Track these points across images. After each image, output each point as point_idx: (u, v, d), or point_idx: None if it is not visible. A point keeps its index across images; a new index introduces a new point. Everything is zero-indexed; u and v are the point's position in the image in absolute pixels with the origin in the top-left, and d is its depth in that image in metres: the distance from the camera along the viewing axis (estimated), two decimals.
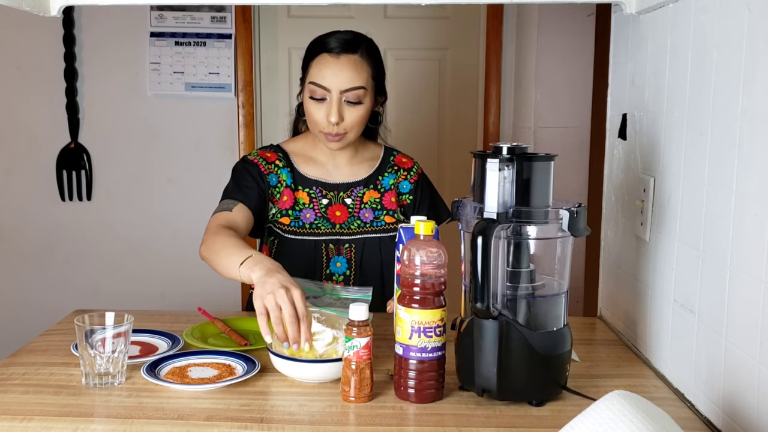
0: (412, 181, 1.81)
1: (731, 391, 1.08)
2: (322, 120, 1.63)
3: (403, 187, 1.79)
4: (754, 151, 1.03)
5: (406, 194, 1.80)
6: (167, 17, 3.17)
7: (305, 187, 1.73)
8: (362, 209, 1.74)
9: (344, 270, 1.71)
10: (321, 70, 1.63)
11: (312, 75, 1.64)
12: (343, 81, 1.61)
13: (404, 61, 3.36)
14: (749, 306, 1.03)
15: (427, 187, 1.84)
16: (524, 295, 1.20)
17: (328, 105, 1.62)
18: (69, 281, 3.27)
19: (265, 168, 1.73)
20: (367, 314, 1.21)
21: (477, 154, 1.21)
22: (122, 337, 1.26)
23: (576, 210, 1.18)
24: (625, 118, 1.56)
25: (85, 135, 3.23)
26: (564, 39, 2.96)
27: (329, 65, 1.62)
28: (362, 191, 1.75)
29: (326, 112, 1.62)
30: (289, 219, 1.71)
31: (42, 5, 1.46)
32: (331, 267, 1.70)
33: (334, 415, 1.16)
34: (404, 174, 1.80)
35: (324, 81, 1.62)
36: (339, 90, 1.62)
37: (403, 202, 1.79)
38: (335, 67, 1.62)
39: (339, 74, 1.61)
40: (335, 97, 1.62)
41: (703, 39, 1.20)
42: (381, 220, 1.73)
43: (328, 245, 1.70)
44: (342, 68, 1.62)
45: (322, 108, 1.63)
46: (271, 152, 1.76)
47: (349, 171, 1.76)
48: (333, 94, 1.62)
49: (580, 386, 1.24)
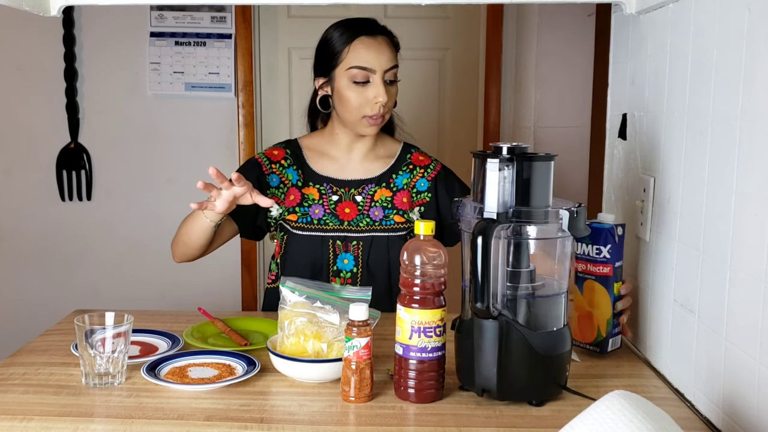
0: (429, 178, 1.78)
1: (731, 391, 1.08)
2: (369, 102, 1.65)
3: (420, 185, 1.77)
4: (754, 151, 1.03)
5: (425, 192, 1.77)
6: (167, 17, 3.17)
7: (315, 183, 1.74)
8: (372, 207, 1.73)
9: (351, 267, 1.71)
10: (361, 52, 1.65)
11: (351, 60, 1.65)
12: (385, 60, 1.66)
13: (404, 61, 3.31)
14: (749, 306, 1.03)
15: (451, 181, 1.79)
16: (524, 295, 1.20)
17: (374, 86, 1.65)
18: (69, 281, 3.27)
19: (268, 168, 1.74)
20: (367, 314, 1.21)
21: (477, 154, 1.21)
22: (122, 337, 1.26)
23: (576, 210, 1.18)
24: (625, 118, 1.56)
25: (85, 135, 3.23)
26: (564, 39, 2.96)
27: (370, 47, 1.65)
28: (374, 189, 1.75)
29: (374, 93, 1.64)
30: (296, 215, 1.72)
31: (42, 5, 1.46)
32: (338, 263, 1.70)
33: (334, 415, 1.16)
34: (421, 172, 1.78)
35: (368, 63, 1.64)
36: (383, 69, 1.65)
37: (422, 201, 1.76)
38: (377, 48, 1.65)
39: (381, 54, 1.65)
40: (379, 78, 1.64)
41: (703, 39, 1.20)
42: (390, 219, 1.73)
43: (335, 242, 1.70)
44: (381, 48, 1.66)
45: (365, 91, 1.65)
46: (279, 149, 1.78)
47: (363, 167, 1.76)
48: (377, 74, 1.64)
49: (580, 386, 1.24)
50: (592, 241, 1.40)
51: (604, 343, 1.41)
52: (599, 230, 1.39)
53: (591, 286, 1.42)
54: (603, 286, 1.40)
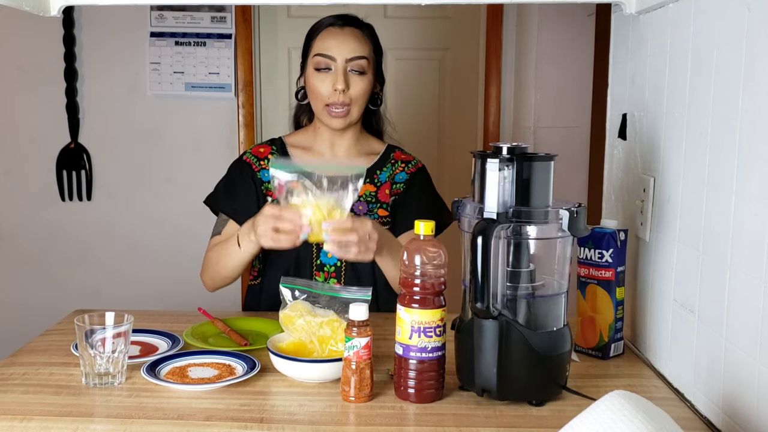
0: (409, 172, 1.79)
1: (731, 391, 1.08)
2: (328, 90, 1.66)
3: (399, 177, 1.78)
4: (754, 151, 1.03)
5: (401, 183, 1.77)
6: (167, 17, 3.17)
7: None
8: (356, 202, 1.72)
9: (335, 261, 1.70)
10: (326, 41, 1.67)
11: (316, 48, 1.68)
12: (347, 50, 1.66)
13: (404, 61, 3.36)
14: (749, 306, 1.03)
15: (425, 183, 1.81)
16: (524, 295, 1.20)
17: (334, 74, 1.66)
18: (69, 281, 3.27)
19: (257, 165, 1.76)
20: (367, 314, 1.21)
21: (477, 154, 1.21)
22: (122, 337, 1.26)
23: (576, 210, 1.18)
24: (625, 118, 1.56)
25: (85, 135, 3.23)
26: (564, 39, 2.96)
27: (334, 35, 1.67)
28: None
29: (332, 81, 1.65)
30: None
31: (42, 5, 1.46)
32: (322, 257, 1.70)
33: (334, 415, 1.16)
34: (402, 166, 1.79)
35: (329, 50, 1.66)
36: (344, 58, 1.66)
37: (396, 191, 1.76)
38: (340, 37, 1.67)
39: (343, 43, 1.66)
40: (341, 66, 1.66)
41: (703, 39, 1.20)
42: (374, 213, 1.73)
43: None
44: (346, 38, 1.67)
45: (327, 78, 1.66)
46: (265, 146, 1.80)
47: (347, 163, 1.75)
48: (338, 62, 1.66)
49: (580, 386, 1.24)
50: (594, 246, 1.40)
51: (606, 348, 1.41)
52: (602, 234, 1.39)
53: (593, 291, 1.42)
54: (605, 291, 1.41)
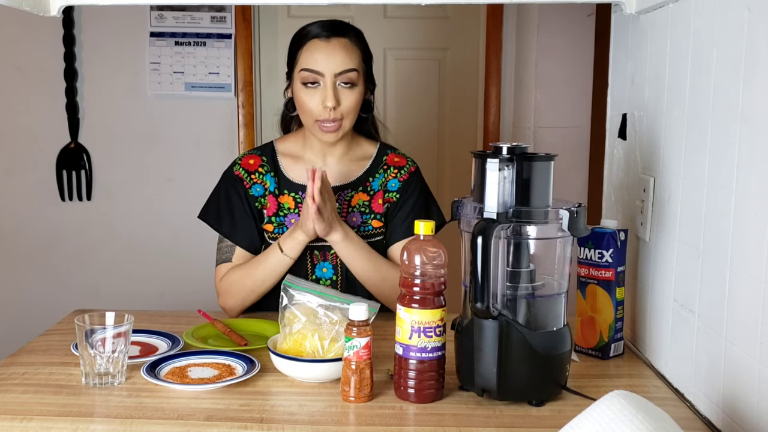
0: (401, 179, 1.72)
1: (731, 391, 1.08)
2: (317, 107, 1.59)
3: (391, 185, 1.71)
4: (754, 151, 1.03)
5: (393, 192, 1.71)
6: (167, 17, 3.17)
7: (291, 191, 1.69)
8: (350, 213, 1.68)
9: (330, 275, 1.67)
10: (312, 54, 1.59)
11: (303, 62, 1.60)
12: (335, 64, 1.58)
13: (404, 61, 3.36)
14: (749, 306, 1.03)
15: (418, 187, 1.73)
16: (524, 295, 1.20)
17: (323, 90, 1.58)
18: (69, 281, 3.27)
19: (248, 181, 1.70)
20: (367, 314, 1.21)
21: (477, 154, 1.21)
22: (122, 337, 1.26)
23: (576, 210, 1.18)
24: (625, 118, 1.56)
25: (85, 135, 3.23)
26: (564, 39, 2.96)
27: (321, 49, 1.59)
28: (350, 194, 1.69)
29: (321, 97, 1.58)
30: (272, 226, 1.68)
31: (42, 5, 1.46)
32: (317, 272, 1.66)
33: (334, 415, 1.16)
34: (394, 172, 1.72)
35: (316, 65, 1.58)
36: (333, 73, 1.58)
37: (389, 200, 1.71)
38: (327, 51, 1.59)
39: (331, 57, 1.58)
40: (329, 81, 1.58)
41: (703, 39, 1.20)
42: (368, 225, 1.68)
43: (313, 251, 1.66)
44: (334, 51, 1.59)
45: (315, 94, 1.59)
46: (255, 158, 1.72)
47: (339, 172, 1.70)
48: (327, 78, 1.58)
49: (580, 386, 1.24)
50: (594, 246, 1.40)
51: (606, 348, 1.41)
52: (602, 234, 1.39)
53: (593, 291, 1.42)
54: (605, 291, 1.41)
